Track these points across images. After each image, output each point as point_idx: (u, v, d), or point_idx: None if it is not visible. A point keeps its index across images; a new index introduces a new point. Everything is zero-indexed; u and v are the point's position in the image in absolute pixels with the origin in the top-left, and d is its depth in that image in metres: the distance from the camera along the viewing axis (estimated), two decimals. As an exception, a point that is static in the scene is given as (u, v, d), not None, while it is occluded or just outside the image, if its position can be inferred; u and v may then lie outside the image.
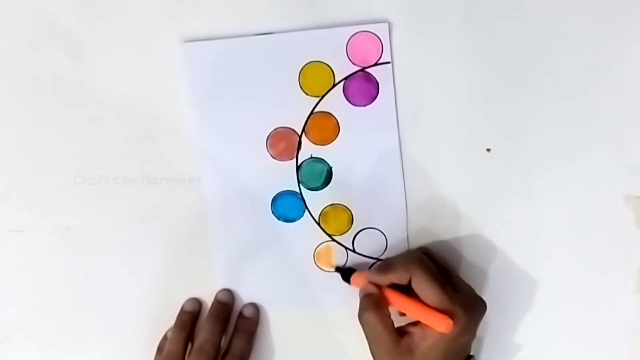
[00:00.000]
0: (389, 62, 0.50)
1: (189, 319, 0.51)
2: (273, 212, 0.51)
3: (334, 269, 0.51)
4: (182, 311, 0.51)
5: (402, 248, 0.51)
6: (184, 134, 0.50)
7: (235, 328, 0.51)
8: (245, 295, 0.52)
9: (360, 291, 0.48)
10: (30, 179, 0.50)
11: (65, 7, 0.49)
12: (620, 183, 0.52)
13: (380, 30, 0.50)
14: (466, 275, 0.51)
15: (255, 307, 0.52)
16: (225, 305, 0.51)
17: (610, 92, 0.51)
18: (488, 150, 0.51)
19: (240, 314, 0.51)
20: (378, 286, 0.47)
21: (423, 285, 0.45)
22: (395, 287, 0.47)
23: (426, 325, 0.45)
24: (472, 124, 0.51)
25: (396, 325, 0.46)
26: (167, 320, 0.51)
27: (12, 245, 0.51)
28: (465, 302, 0.45)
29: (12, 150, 0.50)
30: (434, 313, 0.44)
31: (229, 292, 0.51)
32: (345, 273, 0.50)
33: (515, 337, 0.53)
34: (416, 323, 0.46)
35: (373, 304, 0.46)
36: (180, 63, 0.49)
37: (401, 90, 0.50)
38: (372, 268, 0.51)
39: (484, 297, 0.47)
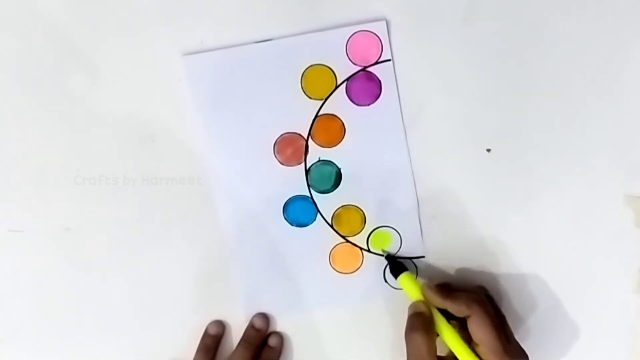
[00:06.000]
0: (389, 60, 0.50)
1: (213, 342, 0.51)
2: (286, 218, 0.51)
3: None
4: (205, 334, 0.51)
5: (417, 246, 0.51)
6: (184, 134, 0.50)
7: (260, 357, 0.50)
8: (264, 304, 0.51)
9: (410, 306, 0.48)
10: (30, 179, 0.50)
11: (67, 11, 0.49)
12: (620, 183, 0.52)
13: (379, 28, 0.50)
14: (466, 273, 0.51)
15: (280, 336, 0.51)
16: (259, 331, 0.51)
17: (610, 92, 0.51)
18: (488, 150, 0.51)
19: (266, 344, 0.51)
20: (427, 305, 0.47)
21: (482, 329, 0.44)
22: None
23: None
24: (472, 124, 0.51)
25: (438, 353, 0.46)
26: (166, 319, 0.51)
27: (12, 245, 0.50)
28: (516, 355, 0.45)
29: (13, 150, 0.50)
30: None
31: (264, 317, 0.51)
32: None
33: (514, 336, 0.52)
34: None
35: (424, 326, 0.46)
36: (182, 72, 0.49)
37: (402, 89, 0.50)
38: (429, 284, 0.48)
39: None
